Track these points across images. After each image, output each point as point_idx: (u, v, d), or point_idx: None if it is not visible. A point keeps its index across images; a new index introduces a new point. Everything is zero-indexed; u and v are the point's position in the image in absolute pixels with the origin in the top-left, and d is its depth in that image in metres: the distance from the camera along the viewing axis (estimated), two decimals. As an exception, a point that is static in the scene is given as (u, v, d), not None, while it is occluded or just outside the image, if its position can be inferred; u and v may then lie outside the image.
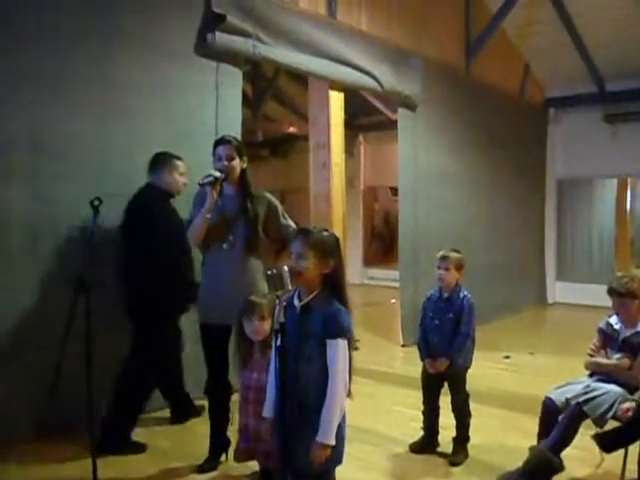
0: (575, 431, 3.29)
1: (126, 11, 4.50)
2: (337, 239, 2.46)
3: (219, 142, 3.65)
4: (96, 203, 3.12)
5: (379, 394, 5.19)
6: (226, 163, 3.57)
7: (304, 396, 2.33)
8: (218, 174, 3.53)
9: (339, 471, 2.48)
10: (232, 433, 3.62)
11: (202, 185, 3.51)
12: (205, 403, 3.86)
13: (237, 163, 3.60)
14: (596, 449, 3.36)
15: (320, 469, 2.37)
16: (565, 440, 3.29)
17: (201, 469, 3.65)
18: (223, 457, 3.73)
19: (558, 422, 3.33)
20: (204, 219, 3.54)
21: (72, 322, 2.97)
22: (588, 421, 3.30)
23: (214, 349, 3.66)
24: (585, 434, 3.35)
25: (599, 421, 3.24)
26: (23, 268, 4.01)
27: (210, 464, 3.68)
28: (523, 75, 9.73)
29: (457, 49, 8.15)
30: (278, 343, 2.29)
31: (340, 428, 2.35)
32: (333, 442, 2.29)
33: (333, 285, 2.38)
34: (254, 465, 3.32)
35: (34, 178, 4.06)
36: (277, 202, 3.76)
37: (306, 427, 2.32)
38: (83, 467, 3.26)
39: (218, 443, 3.72)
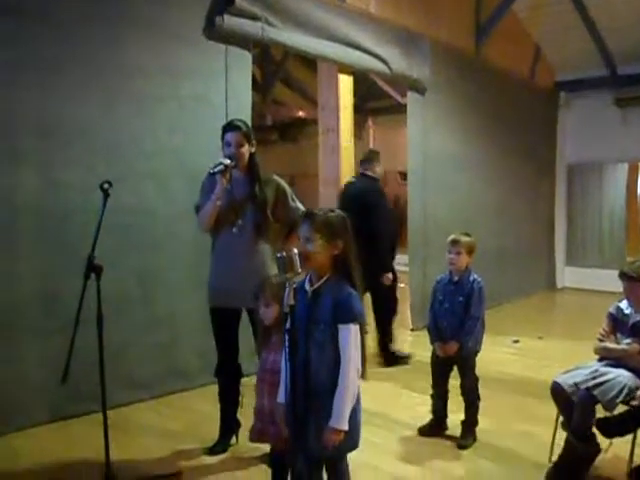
0: (591, 414, 3.26)
1: (134, -6, 4.49)
2: (345, 219, 2.43)
3: (228, 128, 3.61)
4: (106, 187, 3.12)
5: (388, 378, 5.21)
6: (234, 150, 3.55)
7: (315, 381, 2.33)
8: (228, 162, 3.50)
9: (348, 454, 2.50)
10: (242, 415, 3.66)
11: (213, 174, 3.49)
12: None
13: (246, 149, 3.57)
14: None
15: (333, 454, 2.38)
16: (586, 425, 3.27)
17: (211, 451, 3.68)
18: (233, 439, 3.77)
19: (572, 403, 3.33)
20: (214, 206, 3.53)
21: (82, 305, 2.98)
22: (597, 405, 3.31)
23: (223, 332, 3.68)
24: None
25: (609, 405, 3.23)
26: (33, 252, 4.04)
27: (220, 446, 3.71)
28: (534, 58, 9.65)
29: (467, 32, 8.07)
30: (288, 326, 2.29)
31: (354, 413, 2.35)
32: (346, 427, 2.29)
33: (344, 266, 2.36)
34: (264, 447, 3.35)
35: (43, 163, 4.07)
36: (286, 185, 3.74)
37: (318, 412, 2.32)
38: (96, 449, 3.29)
39: (228, 426, 3.75)
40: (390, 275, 5.56)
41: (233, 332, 3.68)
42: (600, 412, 3.33)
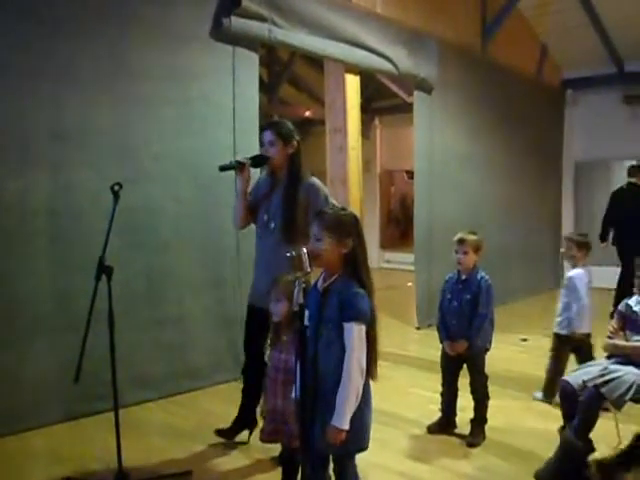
0: (596, 413, 3.26)
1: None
2: (355, 218, 2.44)
3: (262, 127, 3.67)
4: (116, 188, 3.16)
5: (396, 376, 5.22)
6: (266, 148, 3.58)
7: (323, 379, 2.34)
8: (243, 160, 3.55)
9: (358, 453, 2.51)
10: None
11: (221, 170, 3.53)
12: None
13: (279, 149, 3.55)
14: (614, 430, 3.37)
15: (338, 452, 2.39)
16: (587, 423, 3.26)
17: (219, 432, 3.74)
18: (242, 437, 3.78)
19: (578, 404, 3.33)
20: (239, 203, 3.64)
21: (94, 305, 3.02)
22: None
23: (252, 330, 3.72)
24: (601, 416, 3.33)
25: (617, 402, 3.23)
26: (45, 252, 4.08)
27: (229, 433, 3.76)
28: (540, 56, 9.64)
29: (473, 30, 8.08)
30: (297, 325, 2.31)
31: (362, 414, 2.35)
32: (346, 426, 2.27)
33: (354, 265, 2.37)
34: (276, 447, 3.35)
35: (54, 165, 4.11)
36: (321, 188, 3.64)
37: (324, 410, 2.32)
38: (107, 448, 3.32)
39: (243, 419, 3.77)
40: None
41: (261, 330, 3.68)
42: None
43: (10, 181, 3.92)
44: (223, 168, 3.53)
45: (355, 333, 2.30)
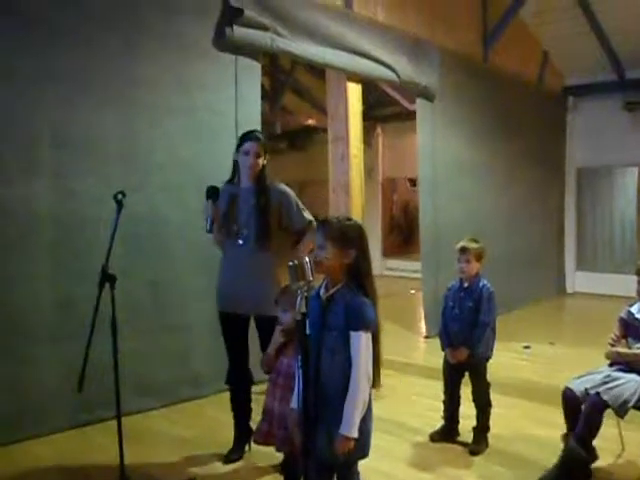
0: (599, 421, 3.26)
1: (145, 7, 4.54)
2: (360, 229, 2.44)
3: (248, 137, 3.67)
4: (119, 197, 3.17)
5: (399, 384, 5.22)
6: (252, 160, 3.60)
7: (327, 388, 2.34)
8: (213, 213, 3.56)
9: (360, 460, 2.51)
10: (254, 422, 3.67)
11: (209, 232, 3.57)
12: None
13: (261, 160, 3.62)
14: (617, 439, 3.36)
15: (343, 461, 2.38)
16: (591, 431, 3.26)
17: (227, 459, 3.70)
18: (246, 447, 3.78)
19: (581, 411, 3.32)
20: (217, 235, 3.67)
21: (98, 312, 3.03)
22: (608, 411, 3.30)
23: (231, 337, 3.73)
24: (605, 424, 3.33)
25: (620, 410, 3.23)
26: (49, 260, 4.09)
27: (236, 453, 3.73)
28: (541, 63, 9.66)
29: (474, 38, 8.10)
30: (300, 334, 2.31)
31: (365, 421, 2.35)
32: (356, 435, 2.29)
33: (357, 275, 2.37)
34: (277, 455, 3.36)
35: (58, 173, 4.13)
36: (291, 194, 3.73)
37: (328, 418, 2.32)
38: (110, 456, 3.33)
39: (242, 433, 3.77)
40: None
41: (240, 337, 3.72)
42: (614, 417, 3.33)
43: (14, 188, 3.94)
44: (210, 230, 3.58)
45: (363, 341, 2.31)
